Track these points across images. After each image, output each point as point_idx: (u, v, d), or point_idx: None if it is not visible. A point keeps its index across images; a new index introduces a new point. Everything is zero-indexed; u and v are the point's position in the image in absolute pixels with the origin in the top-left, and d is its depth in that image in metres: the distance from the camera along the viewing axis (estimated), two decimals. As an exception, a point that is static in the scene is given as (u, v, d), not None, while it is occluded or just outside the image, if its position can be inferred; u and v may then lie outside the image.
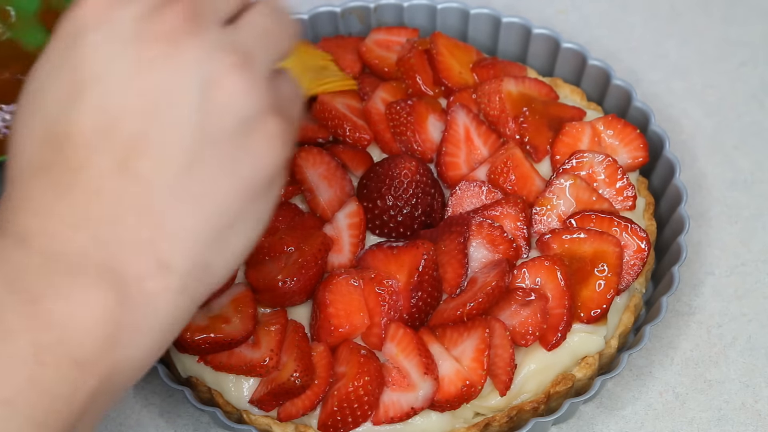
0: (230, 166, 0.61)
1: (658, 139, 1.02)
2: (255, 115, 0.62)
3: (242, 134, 0.61)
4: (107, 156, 0.59)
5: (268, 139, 0.62)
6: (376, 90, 1.02)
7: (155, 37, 0.60)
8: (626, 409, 0.95)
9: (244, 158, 0.61)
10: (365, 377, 0.84)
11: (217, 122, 0.60)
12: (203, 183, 0.60)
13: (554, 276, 0.89)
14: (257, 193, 0.63)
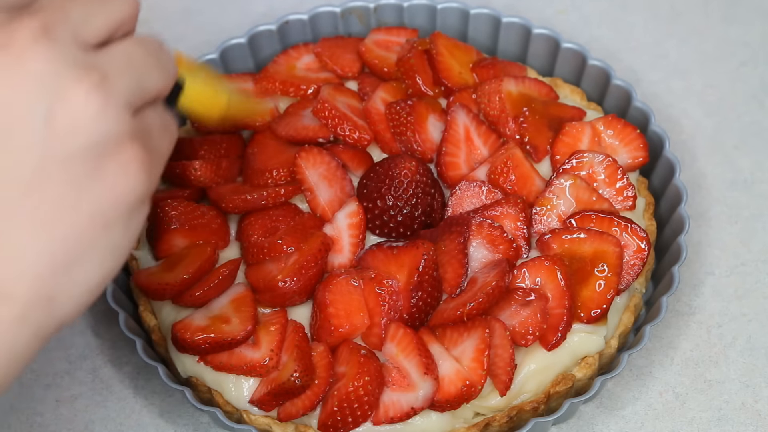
0: (77, 192, 0.57)
1: (658, 139, 1.02)
2: (108, 141, 0.58)
3: (93, 159, 0.57)
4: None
5: (123, 167, 0.58)
6: (376, 90, 1.02)
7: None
8: (626, 409, 0.95)
9: (94, 185, 0.58)
10: (365, 377, 0.84)
11: (63, 144, 0.56)
12: (47, 208, 0.56)
13: (554, 276, 0.89)
14: (111, 223, 0.59)
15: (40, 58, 0.56)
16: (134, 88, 0.60)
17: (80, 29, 0.59)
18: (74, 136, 0.57)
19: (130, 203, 0.60)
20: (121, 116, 0.58)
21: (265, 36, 1.09)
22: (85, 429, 0.94)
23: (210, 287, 0.90)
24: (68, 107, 0.56)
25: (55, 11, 0.58)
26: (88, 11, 0.60)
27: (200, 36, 1.18)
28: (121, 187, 0.59)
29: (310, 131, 0.99)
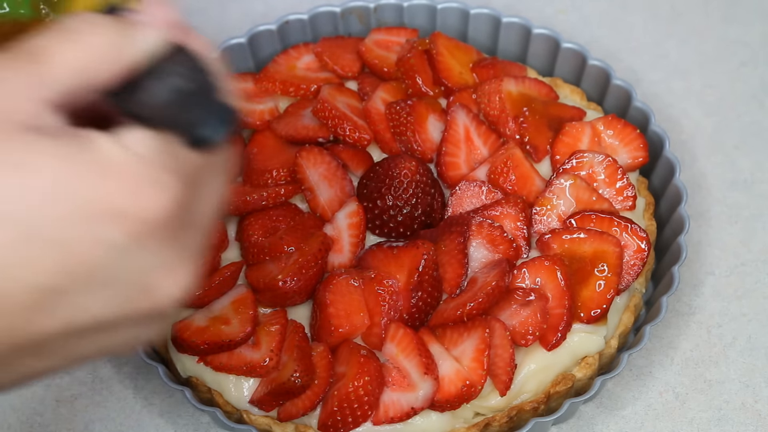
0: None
1: (658, 139, 1.02)
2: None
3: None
4: None
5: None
6: (376, 90, 1.02)
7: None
8: (626, 409, 0.95)
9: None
10: (365, 377, 0.84)
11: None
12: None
13: (554, 276, 0.89)
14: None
15: (155, 245, 0.54)
16: (201, 242, 0.59)
17: (197, 195, 0.57)
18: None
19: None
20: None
21: (265, 36, 1.09)
22: (85, 429, 0.94)
23: (211, 288, 0.90)
24: (148, 296, 0.55)
25: (191, 185, 0.56)
26: (215, 175, 0.59)
27: (200, 36, 1.18)
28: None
29: (310, 131, 0.99)
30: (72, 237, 0.52)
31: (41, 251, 0.52)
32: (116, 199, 0.52)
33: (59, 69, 0.53)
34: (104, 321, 0.55)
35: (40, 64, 0.53)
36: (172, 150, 0.55)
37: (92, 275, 0.53)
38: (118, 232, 0.52)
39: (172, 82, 0.55)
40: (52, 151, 0.51)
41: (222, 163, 0.59)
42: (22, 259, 0.52)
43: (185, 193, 0.54)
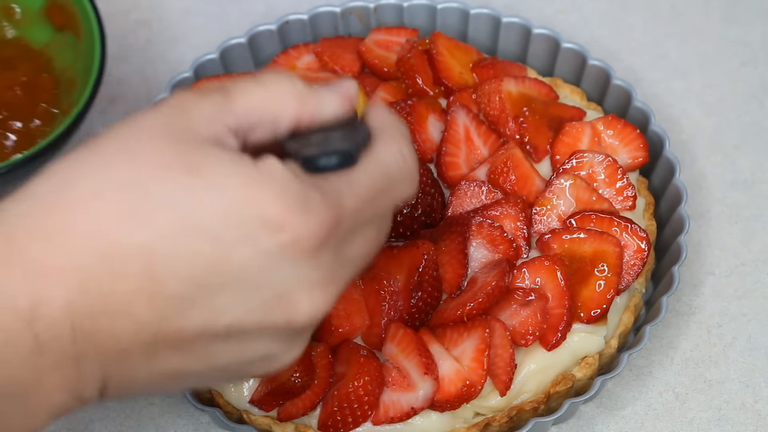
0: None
1: (658, 139, 1.02)
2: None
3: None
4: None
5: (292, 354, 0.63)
6: (376, 90, 1.02)
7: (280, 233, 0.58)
8: (626, 409, 0.95)
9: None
10: (365, 377, 0.84)
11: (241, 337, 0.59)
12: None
13: (554, 276, 0.89)
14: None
15: (303, 261, 0.59)
16: (350, 280, 0.64)
17: (354, 227, 0.62)
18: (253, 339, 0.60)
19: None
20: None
21: (265, 36, 1.09)
22: (85, 429, 0.94)
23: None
24: (285, 308, 0.59)
25: (348, 213, 0.60)
26: (372, 212, 0.63)
27: (200, 36, 1.18)
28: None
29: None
30: (228, 237, 0.57)
31: (200, 246, 0.57)
32: (275, 211, 0.57)
33: (243, 104, 0.61)
34: (241, 327, 0.59)
35: (229, 97, 0.61)
36: (331, 182, 0.60)
37: (239, 277, 0.57)
38: (270, 241, 0.57)
39: (331, 138, 0.62)
40: (229, 162, 0.58)
41: (385, 211, 0.65)
42: (182, 250, 0.57)
43: (337, 222, 0.59)
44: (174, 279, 0.56)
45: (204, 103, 0.60)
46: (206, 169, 0.57)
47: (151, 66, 1.16)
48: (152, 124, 0.60)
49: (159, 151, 0.58)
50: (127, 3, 1.20)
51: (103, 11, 1.15)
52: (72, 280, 0.56)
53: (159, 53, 1.17)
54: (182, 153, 0.58)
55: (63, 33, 1.02)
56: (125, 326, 0.57)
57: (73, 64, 1.01)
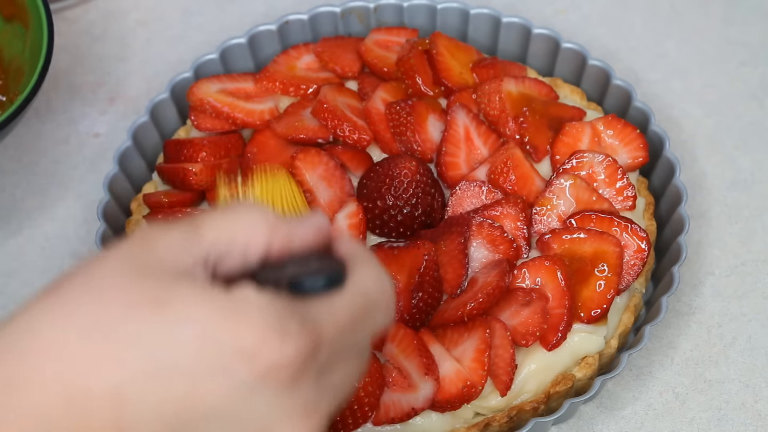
0: None
1: (658, 139, 1.02)
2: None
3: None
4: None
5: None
6: (376, 90, 1.02)
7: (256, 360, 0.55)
8: (626, 409, 0.95)
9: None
10: (366, 378, 0.84)
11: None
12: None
13: (554, 276, 0.89)
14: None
15: (281, 392, 0.56)
16: (331, 408, 0.60)
17: (332, 355, 0.59)
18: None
19: None
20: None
21: (265, 36, 1.09)
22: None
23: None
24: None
25: (327, 341, 0.58)
26: (352, 341, 0.60)
27: (200, 36, 1.18)
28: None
29: (310, 131, 0.99)
30: (200, 372, 0.54)
31: (170, 385, 0.54)
32: (249, 339, 0.54)
33: (212, 234, 0.59)
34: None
35: (196, 228, 0.59)
36: (309, 308, 0.58)
37: (215, 412, 0.55)
38: (245, 371, 0.54)
39: (306, 267, 0.60)
40: (199, 293, 0.55)
41: (364, 338, 0.62)
42: (152, 392, 0.54)
43: (315, 350, 0.57)
44: (145, 423, 0.54)
45: (170, 236, 0.58)
46: (174, 303, 0.55)
47: (151, 66, 1.16)
48: (116, 262, 0.57)
49: (123, 289, 0.55)
50: (127, 3, 1.20)
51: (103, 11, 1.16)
52: (34, 429, 0.53)
53: (159, 53, 1.17)
54: (148, 289, 0.55)
55: (12, 23, 1.02)
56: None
57: (22, 54, 1.01)
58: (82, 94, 1.14)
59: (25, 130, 1.11)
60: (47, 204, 1.07)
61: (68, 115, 1.13)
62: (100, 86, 1.15)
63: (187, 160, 0.99)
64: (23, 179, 1.09)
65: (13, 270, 1.03)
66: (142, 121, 1.04)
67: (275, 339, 0.55)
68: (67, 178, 1.09)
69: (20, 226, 1.06)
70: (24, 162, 1.10)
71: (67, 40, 1.17)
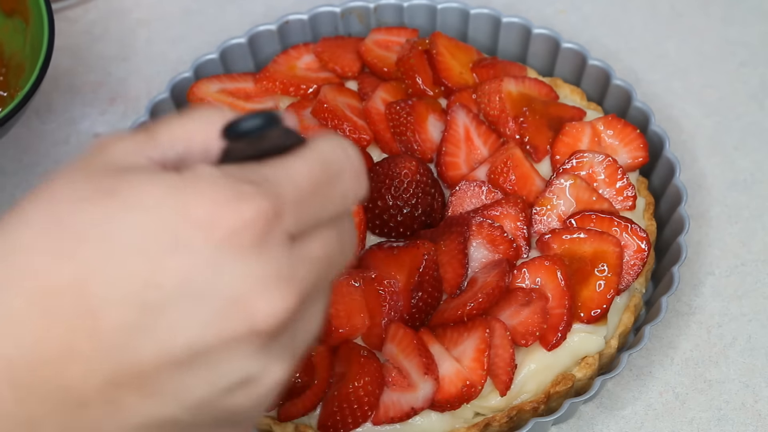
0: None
1: (658, 139, 1.02)
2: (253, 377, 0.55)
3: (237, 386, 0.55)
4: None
5: (249, 401, 0.56)
6: (376, 90, 1.02)
7: (219, 228, 0.53)
8: (626, 409, 0.95)
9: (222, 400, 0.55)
10: (365, 377, 0.84)
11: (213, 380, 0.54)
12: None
13: (554, 276, 0.89)
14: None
15: (247, 258, 0.53)
16: (313, 285, 0.57)
17: (300, 222, 0.56)
18: (225, 375, 0.55)
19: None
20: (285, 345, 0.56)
21: (265, 36, 1.09)
22: None
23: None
24: (242, 313, 0.53)
25: (289, 203, 0.55)
26: (320, 207, 0.57)
27: (200, 36, 1.18)
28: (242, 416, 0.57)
29: (310, 131, 0.99)
30: (158, 249, 0.52)
31: (130, 266, 0.52)
32: (204, 209, 0.53)
33: (167, 136, 0.57)
34: (202, 345, 0.53)
35: (151, 132, 0.57)
36: (264, 172, 0.56)
37: (182, 289, 0.53)
38: (204, 241, 0.53)
39: (261, 144, 0.57)
40: (147, 177, 0.54)
41: (337, 209, 0.59)
42: (113, 275, 0.52)
43: (276, 213, 0.54)
44: (111, 307, 0.52)
45: (124, 141, 0.57)
46: (122, 189, 0.54)
47: (151, 66, 1.16)
48: (69, 168, 0.56)
49: (73, 186, 0.54)
50: (127, 2, 1.20)
51: (104, 11, 1.16)
52: (2, 333, 0.52)
53: (159, 53, 1.17)
54: (98, 182, 0.54)
55: (12, 19, 1.02)
56: (72, 372, 0.52)
57: (22, 50, 1.01)
58: (83, 94, 1.14)
59: (26, 131, 1.11)
60: (47, 204, 1.07)
61: (69, 116, 1.13)
62: (100, 86, 1.15)
63: (187, 160, 0.99)
64: (23, 179, 1.09)
65: (13, 270, 1.03)
66: (142, 121, 1.04)
67: (230, 203, 0.53)
68: (67, 178, 1.09)
69: (20, 226, 1.06)
70: (24, 162, 1.10)
71: (68, 40, 1.17)
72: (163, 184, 0.54)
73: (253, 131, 0.56)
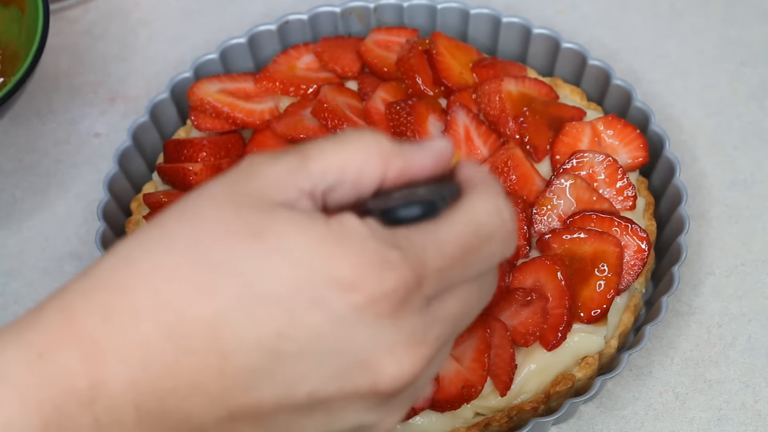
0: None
1: (658, 139, 1.02)
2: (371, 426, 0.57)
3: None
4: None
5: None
6: (376, 90, 1.02)
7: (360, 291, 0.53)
8: (626, 409, 0.95)
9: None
10: (365, 377, 0.84)
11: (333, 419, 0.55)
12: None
13: (554, 276, 0.89)
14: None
15: (382, 324, 0.54)
16: (443, 343, 0.58)
17: (441, 287, 0.56)
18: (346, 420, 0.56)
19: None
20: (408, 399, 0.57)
21: (265, 36, 1.09)
22: None
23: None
24: (368, 373, 0.55)
25: (433, 270, 0.55)
26: (463, 271, 0.57)
27: (200, 36, 1.18)
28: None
29: (310, 131, 0.99)
30: (298, 302, 0.53)
31: (268, 314, 0.53)
32: (347, 270, 0.53)
33: (321, 165, 0.57)
34: (323, 396, 0.55)
35: (305, 158, 0.57)
36: (413, 239, 0.55)
37: (313, 343, 0.53)
38: (343, 303, 0.53)
39: (416, 192, 0.57)
40: (297, 222, 0.54)
41: (481, 270, 0.59)
42: (250, 320, 0.53)
43: (418, 283, 0.54)
44: (243, 350, 0.53)
45: (276, 167, 0.56)
46: (271, 232, 0.54)
47: (151, 66, 1.16)
48: (216, 191, 0.56)
49: (221, 218, 0.54)
50: (127, 2, 1.20)
51: (104, 10, 1.16)
52: (134, 357, 0.53)
53: (159, 53, 1.17)
54: (246, 218, 0.54)
55: (8, 8, 1.02)
56: (195, 404, 0.53)
57: (18, 38, 1.01)
58: (83, 94, 1.14)
59: (26, 131, 1.11)
60: (47, 204, 1.07)
61: (69, 115, 1.13)
62: (100, 86, 1.15)
63: (187, 160, 0.99)
64: (23, 179, 1.09)
65: (13, 270, 1.03)
66: (142, 121, 1.04)
67: (374, 270, 0.53)
68: (67, 178, 1.09)
69: (20, 226, 1.06)
70: (24, 162, 1.10)
71: (68, 40, 1.17)
72: (312, 234, 0.54)
73: (411, 219, 0.56)
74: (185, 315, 0.53)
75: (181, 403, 0.53)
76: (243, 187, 0.56)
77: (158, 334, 0.53)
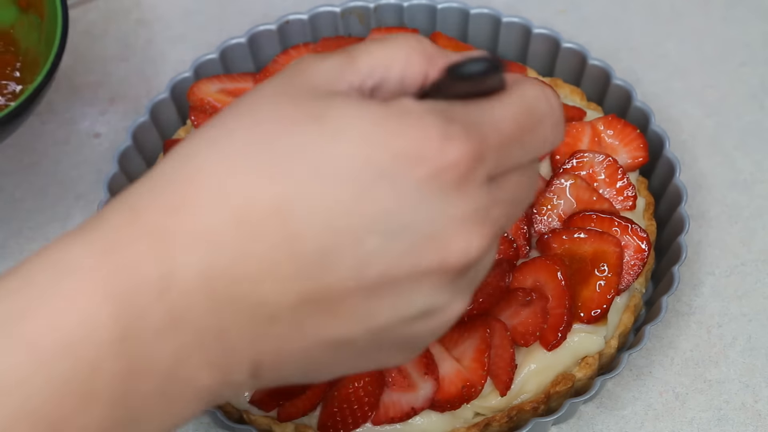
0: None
1: (658, 139, 1.02)
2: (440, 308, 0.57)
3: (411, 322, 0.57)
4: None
5: (430, 332, 0.58)
6: (376, 90, 1.02)
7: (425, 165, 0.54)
8: (626, 409, 0.95)
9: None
10: (365, 378, 0.84)
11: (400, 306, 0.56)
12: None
13: (554, 276, 0.89)
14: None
15: (448, 197, 0.54)
16: (502, 227, 0.58)
17: (500, 166, 0.57)
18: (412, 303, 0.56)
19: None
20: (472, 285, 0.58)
21: (265, 36, 1.09)
22: (85, 429, 0.94)
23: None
24: (437, 249, 0.55)
25: (492, 146, 0.56)
26: (519, 152, 0.58)
27: (200, 36, 1.18)
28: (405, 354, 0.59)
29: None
30: (364, 179, 0.53)
31: (335, 193, 0.53)
32: (411, 144, 0.53)
33: (367, 62, 0.58)
34: (393, 275, 0.54)
35: (351, 56, 0.58)
36: (472, 115, 0.56)
37: (382, 219, 0.53)
38: (409, 176, 0.53)
39: (471, 86, 0.57)
40: (355, 105, 0.55)
41: (531, 155, 0.59)
42: (317, 200, 0.53)
43: (480, 156, 0.55)
44: (313, 231, 0.53)
45: (324, 63, 0.57)
46: (331, 115, 0.54)
47: (151, 66, 1.16)
48: (269, 89, 0.57)
49: (280, 109, 0.55)
50: (127, 2, 1.20)
51: (104, 11, 1.16)
52: (204, 244, 0.52)
53: (159, 53, 1.17)
54: (304, 106, 0.55)
55: (28, 14, 1.02)
56: (268, 289, 0.53)
57: (37, 45, 1.01)
58: (83, 94, 1.14)
59: (26, 131, 1.11)
60: (47, 204, 1.07)
61: (68, 116, 1.13)
62: (100, 86, 1.15)
63: (187, 160, 0.99)
64: (23, 179, 1.09)
65: (13, 270, 1.03)
66: (142, 121, 1.04)
67: (437, 142, 0.54)
68: (67, 178, 1.09)
69: (20, 226, 1.06)
70: (24, 162, 1.10)
71: (68, 40, 1.17)
72: (372, 115, 0.54)
73: (475, 75, 0.55)
74: (253, 200, 0.53)
75: (254, 288, 0.53)
76: (293, 82, 0.57)
77: (227, 221, 0.53)
